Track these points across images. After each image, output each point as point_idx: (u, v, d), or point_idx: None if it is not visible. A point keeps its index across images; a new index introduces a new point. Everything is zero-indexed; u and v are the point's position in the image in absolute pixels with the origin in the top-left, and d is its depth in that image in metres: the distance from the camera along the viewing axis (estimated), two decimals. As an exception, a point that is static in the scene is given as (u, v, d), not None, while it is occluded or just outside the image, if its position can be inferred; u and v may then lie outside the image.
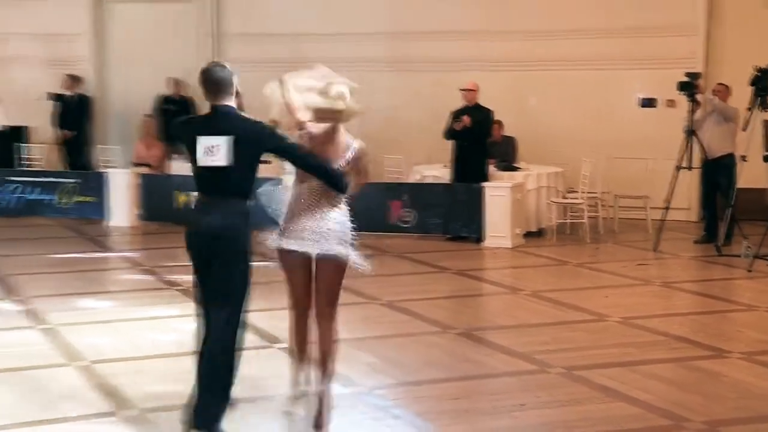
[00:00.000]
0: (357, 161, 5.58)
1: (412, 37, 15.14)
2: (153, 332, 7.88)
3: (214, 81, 5.18)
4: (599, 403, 6.18)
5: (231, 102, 5.20)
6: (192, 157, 5.20)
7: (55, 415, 5.82)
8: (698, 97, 11.73)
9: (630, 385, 6.47)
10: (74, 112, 15.84)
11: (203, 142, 5.06)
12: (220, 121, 5.12)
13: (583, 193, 12.71)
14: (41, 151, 15.45)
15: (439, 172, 13.17)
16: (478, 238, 12.10)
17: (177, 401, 6.01)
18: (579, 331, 8.12)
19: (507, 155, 13.36)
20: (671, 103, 13.86)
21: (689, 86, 11.68)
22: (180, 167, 14.49)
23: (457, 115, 12.44)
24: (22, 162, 15.19)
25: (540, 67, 14.72)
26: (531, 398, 6.29)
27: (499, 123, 13.22)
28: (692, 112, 11.76)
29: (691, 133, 11.71)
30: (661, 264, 11.64)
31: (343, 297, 9.25)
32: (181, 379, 6.51)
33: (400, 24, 15.19)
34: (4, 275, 9.86)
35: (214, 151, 5.03)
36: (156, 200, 13.50)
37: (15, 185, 13.92)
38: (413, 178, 13.49)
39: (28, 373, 6.59)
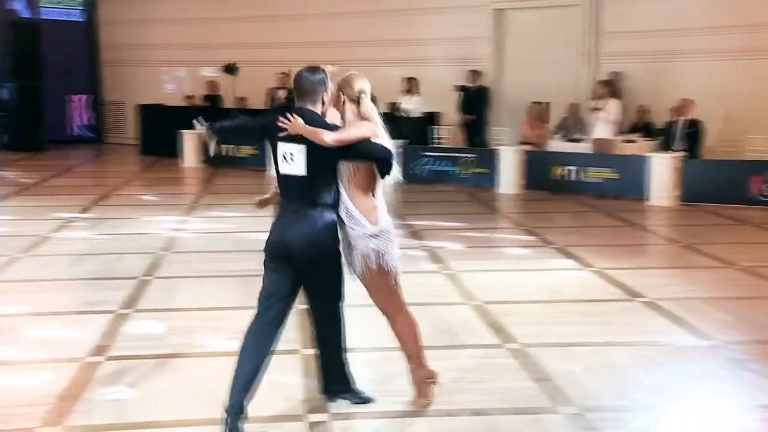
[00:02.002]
0: None
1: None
2: (533, 281, 7.87)
3: (299, 85, 4.41)
4: None
5: (313, 107, 4.38)
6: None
7: (454, 343, 5.99)
8: None
9: None
10: (474, 101, 16.20)
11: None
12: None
13: None
14: (448, 131, 16.01)
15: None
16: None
17: (551, 340, 6.00)
18: None
19: None
20: None
21: None
22: (558, 145, 14.43)
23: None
24: (434, 140, 15.81)
25: None
26: None
27: None
28: None
29: None
30: None
31: (698, 260, 8.83)
32: (554, 322, 6.50)
33: (760, 16, 13.84)
34: (417, 229, 10.30)
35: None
36: (537, 172, 13.48)
37: (427, 159, 14.51)
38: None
39: (432, 308, 6.81)
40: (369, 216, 4.41)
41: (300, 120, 4.22)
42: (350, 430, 4.54)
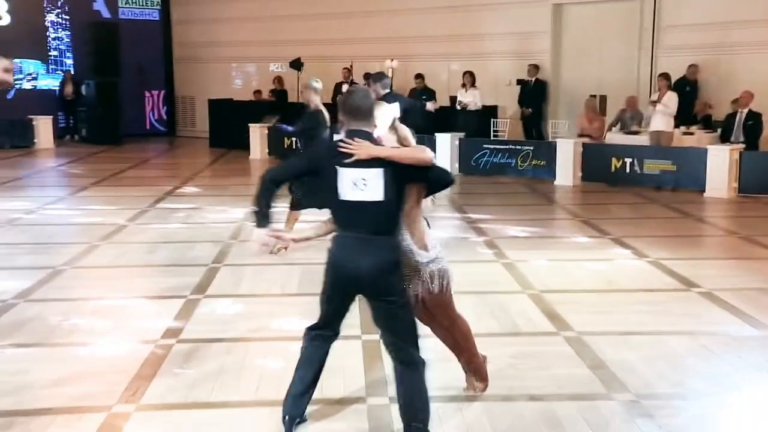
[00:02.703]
0: None
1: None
2: (589, 270, 7.77)
3: (355, 107, 4.00)
4: None
5: (370, 130, 4.03)
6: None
7: (512, 330, 5.95)
8: None
9: None
10: (533, 94, 16.06)
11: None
12: None
13: None
14: (506, 124, 15.89)
15: None
16: None
17: (607, 328, 5.92)
18: None
19: None
20: None
21: None
22: (615, 138, 14.20)
23: None
24: (493, 133, 15.71)
25: None
26: None
27: None
28: None
29: None
30: None
31: (756, 251, 8.60)
32: (610, 310, 6.42)
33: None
34: (477, 219, 10.26)
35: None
36: (594, 164, 13.30)
37: (486, 151, 14.42)
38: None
39: (490, 296, 6.78)
40: (422, 241, 4.21)
41: (367, 143, 3.90)
42: (409, 413, 4.54)
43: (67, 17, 21.27)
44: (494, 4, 17.03)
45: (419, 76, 16.59)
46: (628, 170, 12.95)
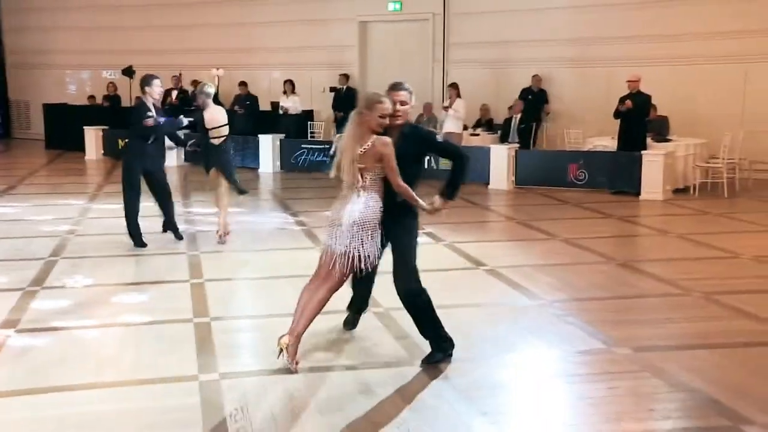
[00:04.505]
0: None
1: (590, 41, 14.38)
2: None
3: None
4: (730, 320, 5.70)
5: None
6: None
7: (329, 309, 5.95)
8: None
9: (757, 307, 5.92)
10: (344, 100, 16.13)
11: None
12: None
13: (723, 158, 11.74)
14: (322, 126, 15.93)
15: (607, 142, 12.57)
16: (636, 193, 11.46)
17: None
18: (716, 265, 7.49)
19: (661, 130, 12.53)
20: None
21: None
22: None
23: (622, 99, 11.81)
24: (310, 134, 15.69)
25: (689, 62, 13.63)
26: (675, 314, 5.88)
27: (655, 106, 12.39)
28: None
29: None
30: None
31: (530, 234, 9.14)
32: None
33: (581, 31, 14.45)
34: (297, 210, 10.21)
35: None
36: (400, 162, 13.60)
37: (305, 150, 14.40)
38: (587, 146, 12.97)
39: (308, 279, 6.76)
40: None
41: None
42: (237, 387, 4.46)
43: None
44: (310, 20, 17.03)
45: (243, 84, 16.31)
46: (426, 166, 13.24)
